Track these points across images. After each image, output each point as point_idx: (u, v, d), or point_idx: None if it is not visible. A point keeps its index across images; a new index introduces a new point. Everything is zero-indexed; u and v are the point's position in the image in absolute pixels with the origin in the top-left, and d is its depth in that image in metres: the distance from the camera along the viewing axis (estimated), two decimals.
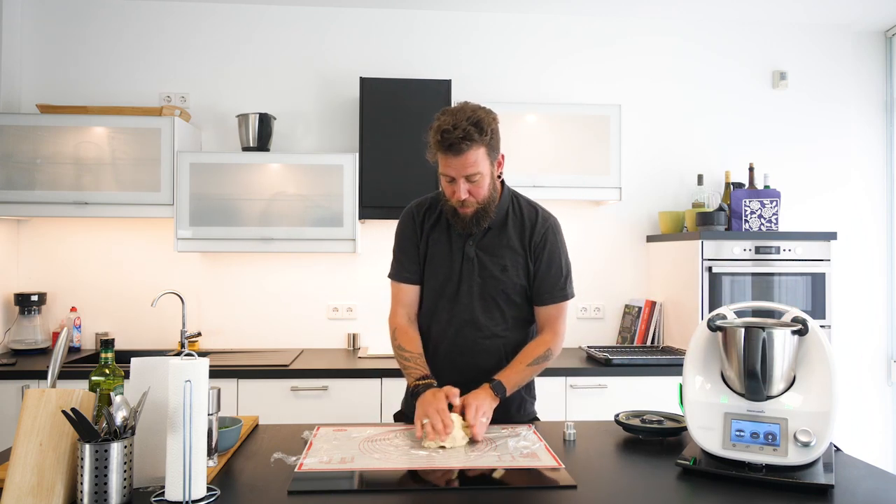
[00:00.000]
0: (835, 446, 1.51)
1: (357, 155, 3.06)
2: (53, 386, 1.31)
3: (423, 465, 1.42)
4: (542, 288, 1.85)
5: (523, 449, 1.52)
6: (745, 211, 3.13)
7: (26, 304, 3.10)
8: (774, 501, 1.23)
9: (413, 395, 1.72)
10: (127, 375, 1.36)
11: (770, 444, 1.33)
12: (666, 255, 3.30)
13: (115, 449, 1.17)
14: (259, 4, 3.38)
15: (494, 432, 1.67)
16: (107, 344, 1.43)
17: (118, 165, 2.99)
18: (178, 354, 1.25)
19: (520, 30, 3.49)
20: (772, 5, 3.36)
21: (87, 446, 1.16)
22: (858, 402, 3.52)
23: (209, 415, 1.33)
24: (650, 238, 3.48)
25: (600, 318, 3.49)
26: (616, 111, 3.17)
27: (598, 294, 3.49)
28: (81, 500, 1.16)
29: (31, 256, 3.28)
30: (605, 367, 2.85)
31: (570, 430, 1.64)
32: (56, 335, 3.22)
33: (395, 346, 1.85)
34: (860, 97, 3.64)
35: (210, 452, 1.37)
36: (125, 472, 1.18)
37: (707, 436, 1.39)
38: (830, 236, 3.03)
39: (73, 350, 3.18)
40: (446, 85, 3.08)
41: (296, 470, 1.38)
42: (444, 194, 1.81)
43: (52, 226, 3.29)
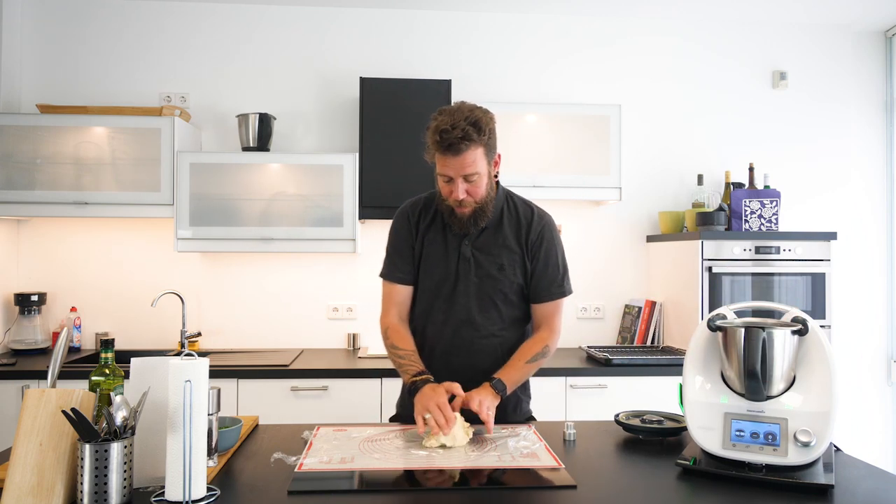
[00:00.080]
0: (835, 446, 1.51)
1: (357, 155, 3.06)
2: (53, 386, 1.31)
3: (424, 465, 1.42)
4: (539, 285, 1.85)
5: (523, 449, 1.52)
6: (745, 211, 3.13)
7: (26, 304, 3.10)
8: (774, 501, 1.23)
9: (410, 393, 1.71)
10: (127, 375, 1.36)
11: (770, 444, 1.33)
12: (666, 255, 3.30)
13: (115, 449, 1.17)
14: (259, 4, 3.38)
15: (494, 432, 1.67)
16: (107, 344, 1.43)
17: (118, 165, 2.99)
18: (178, 354, 1.25)
19: (520, 30, 3.49)
20: (772, 5, 3.36)
21: (87, 446, 1.16)
22: (858, 402, 3.52)
23: (209, 415, 1.33)
24: (650, 238, 3.48)
25: (600, 318, 3.49)
26: (616, 111, 3.18)
27: (598, 294, 3.49)
28: (81, 500, 1.16)
29: (31, 256, 3.28)
30: (605, 367, 2.85)
31: (570, 430, 1.64)
32: (56, 335, 3.22)
33: (388, 344, 1.85)
34: (860, 97, 3.64)
35: (210, 452, 1.37)
36: (125, 472, 1.18)
37: (707, 436, 1.39)
38: (830, 236, 3.03)
39: (73, 350, 3.18)
40: (446, 85, 3.08)
41: (296, 470, 1.38)
42: (440, 194, 1.81)
43: (52, 226, 3.29)
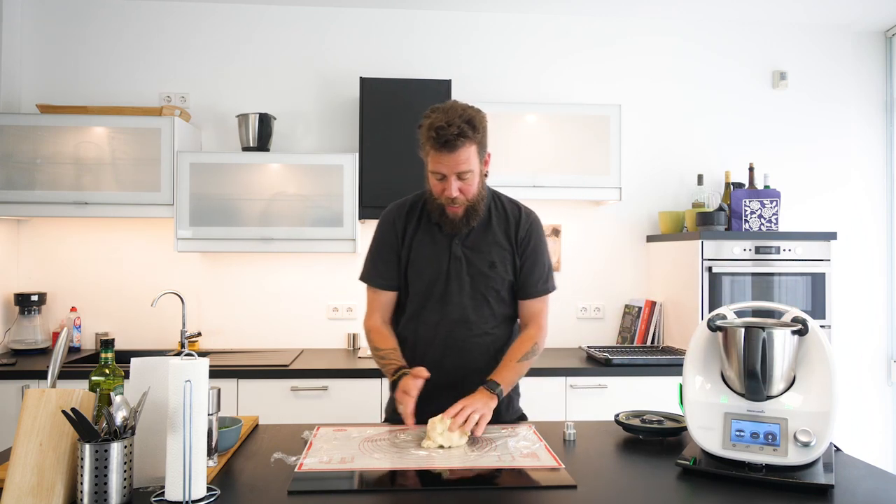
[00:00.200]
0: (835, 446, 1.51)
1: (357, 155, 3.06)
2: (53, 386, 1.31)
3: (423, 465, 1.42)
4: (527, 282, 1.86)
5: (523, 449, 1.52)
6: (745, 211, 3.13)
7: (26, 304, 3.10)
8: (774, 501, 1.23)
9: (393, 390, 1.74)
10: (127, 375, 1.36)
11: (770, 444, 1.33)
12: (666, 255, 3.30)
13: (115, 449, 1.17)
14: (259, 4, 3.38)
15: (494, 432, 1.67)
16: (107, 344, 1.43)
17: (118, 165, 2.99)
18: (178, 354, 1.25)
19: (520, 30, 3.49)
20: (772, 5, 3.36)
21: (87, 446, 1.16)
22: (858, 402, 3.52)
23: (209, 415, 1.33)
24: (650, 238, 3.48)
25: (600, 318, 3.49)
26: (616, 111, 3.18)
27: (598, 294, 3.49)
28: (81, 500, 1.16)
29: (31, 256, 3.28)
30: (605, 367, 2.85)
31: (570, 430, 1.65)
32: (56, 335, 3.22)
33: (371, 347, 1.86)
34: (860, 97, 3.64)
35: (210, 452, 1.37)
36: (125, 472, 1.18)
37: (707, 436, 1.39)
38: (830, 236, 3.03)
39: (73, 350, 3.18)
40: (446, 85, 3.08)
41: (296, 470, 1.38)
42: (430, 194, 1.80)
43: (52, 226, 3.29)
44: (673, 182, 3.52)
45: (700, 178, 3.40)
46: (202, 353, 2.41)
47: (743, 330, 1.37)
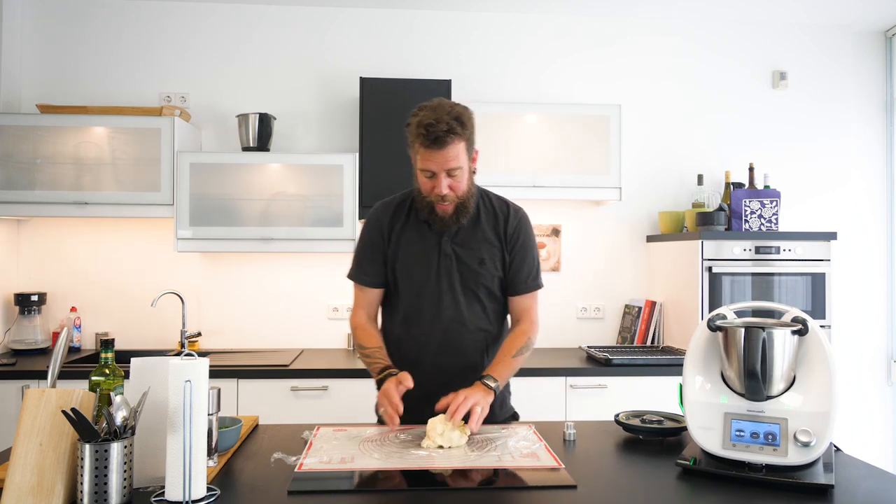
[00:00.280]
0: (835, 446, 1.51)
1: (357, 155, 3.06)
2: (53, 386, 1.31)
3: (423, 465, 1.42)
4: (517, 278, 1.86)
5: (523, 449, 1.52)
6: (745, 211, 3.13)
7: (26, 304, 3.10)
8: (774, 501, 1.23)
9: (379, 389, 1.73)
10: (127, 375, 1.36)
11: (770, 444, 1.33)
12: (666, 255, 3.30)
13: (115, 449, 1.17)
14: (259, 4, 3.38)
15: (494, 432, 1.67)
16: (107, 344, 1.43)
17: (118, 165, 2.99)
18: (178, 354, 1.25)
19: (520, 30, 3.49)
20: (772, 5, 3.36)
21: (87, 446, 1.16)
22: (858, 402, 3.52)
23: (209, 415, 1.33)
24: (650, 238, 3.48)
25: (600, 318, 3.49)
26: (616, 111, 3.18)
27: (598, 294, 3.49)
28: (81, 500, 1.16)
29: (31, 256, 3.28)
30: (605, 367, 2.85)
31: (570, 430, 1.64)
32: (56, 335, 3.22)
33: (357, 345, 1.86)
34: (860, 97, 3.64)
35: (210, 452, 1.37)
36: (125, 472, 1.18)
37: (707, 436, 1.39)
38: (830, 236, 3.03)
39: (73, 350, 3.18)
40: (446, 85, 3.08)
41: (296, 470, 1.38)
42: (419, 192, 1.80)
43: (52, 226, 3.29)
44: (673, 182, 3.52)
45: (700, 178, 3.40)
46: (202, 353, 2.41)
47: (743, 330, 1.37)
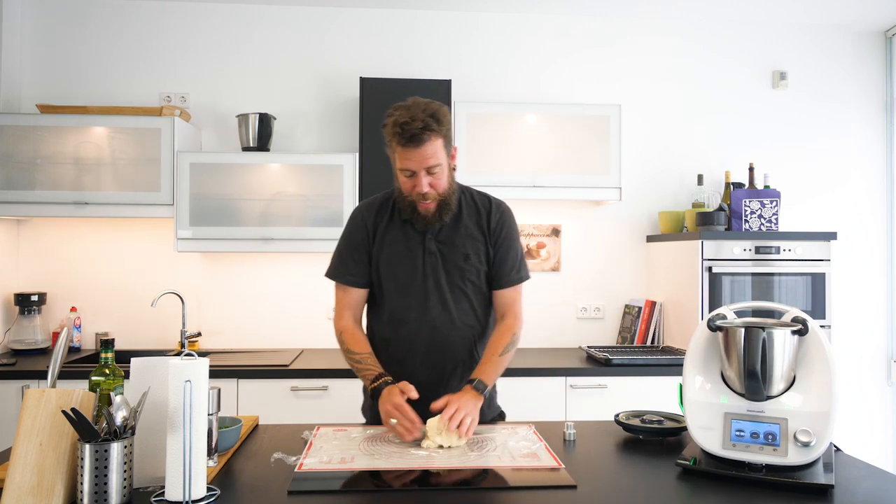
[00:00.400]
0: (835, 446, 1.51)
1: (357, 155, 3.06)
2: (53, 386, 1.31)
3: (423, 465, 1.42)
4: (501, 271, 1.86)
5: (523, 449, 1.52)
6: (745, 211, 3.13)
7: (26, 304, 3.10)
8: (774, 501, 1.23)
9: (373, 398, 1.71)
10: (127, 375, 1.36)
11: (770, 444, 1.33)
12: (666, 255, 3.30)
13: (115, 449, 1.17)
14: (259, 4, 3.38)
15: (494, 432, 1.67)
16: (107, 344, 1.43)
17: (118, 165, 2.99)
18: (178, 354, 1.25)
19: (520, 30, 3.49)
20: (772, 5, 3.36)
21: (87, 446, 1.16)
22: (858, 402, 3.52)
23: (209, 415, 1.33)
24: (650, 238, 3.48)
25: (600, 318, 3.49)
26: (616, 111, 3.17)
27: (598, 294, 3.49)
28: (81, 500, 1.16)
29: (31, 256, 3.28)
30: (605, 367, 2.85)
31: (570, 430, 1.65)
32: (56, 335, 3.22)
33: (344, 349, 1.84)
34: (860, 97, 3.64)
35: (210, 452, 1.37)
36: (125, 472, 1.18)
37: (707, 436, 1.39)
38: (830, 236, 3.03)
39: (73, 350, 3.18)
40: (446, 85, 3.08)
41: (296, 470, 1.39)
42: (400, 191, 1.80)
43: (52, 226, 3.29)
44: (673, 182, 3.52)
45: (700, 178, 3.40)
46: (202, 353, 2.40)
47: (743, 330, 1.37)
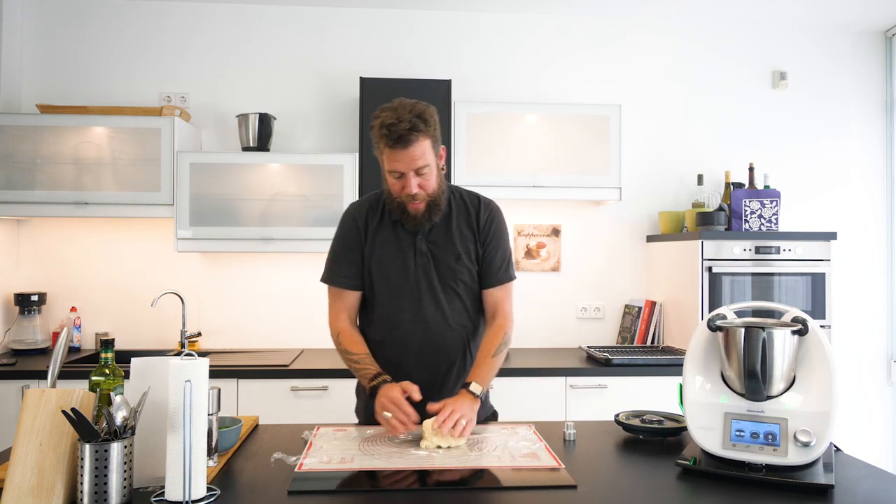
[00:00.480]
0: (835, 446, 1.51)
1: (357, 155, 3.06)
2: (53, 386, 1.31)
3: (423, 465, 1.42)
4: (490, 269, 1.86)
5: (523, 449, 1.52)
6: (745, 211, 3.13)
7: (26, 304, 3.10)
8: (774, 501, 1.23)
9: (371, 396, 1.70)
10: (127, 375, 1.36)
11: (770, 444, 1.33)
12: (666, 255, 3.30)
13: (115, 449, 1.17)
14: (259, 4, 3.38)
15: (494, 432, 1.67)
16: (107, 344, 1.43)
17: (118, 165, 2.99)
18: (178, 354, 1.25)
19: (520, 30, 3.48)
20: (772, 5, 3.36)
21: (87, 446, 1.16)
22: (858, 402, 3.52)
23: (209, 415, 1.33)
24: (650, 238, 3.48)
25: (600, 318, 3.49)
26: (616, 111, 3.17)
27: (598, 294, 3.49)
28: (81, 500, 1.16)
29: (31, 256, 3.28)
30: (605, 367, 2.85)
31: (570, 430, 1.64)
32: (56, 335, 3.22)
33: (341, 350, 1.83)
34: (860, 97, 3.64)
35: (210, 452, 1.37)
36: (125, 472, 1.18)
37: (707, 436, 1.39)
38: (830, 236, 3.03)
39: (73, 350, 3.18)
40: (446, 85, 3.08)
41: (296, 470, 1.39)
42: (388, 193, 1.79)
43: (52, 226, 3.29)
44: (673, 182, 3.52)
45: (700, 178, 3.40)
46: (202, 353, 2.41)
47: (743, 330, 1.37)
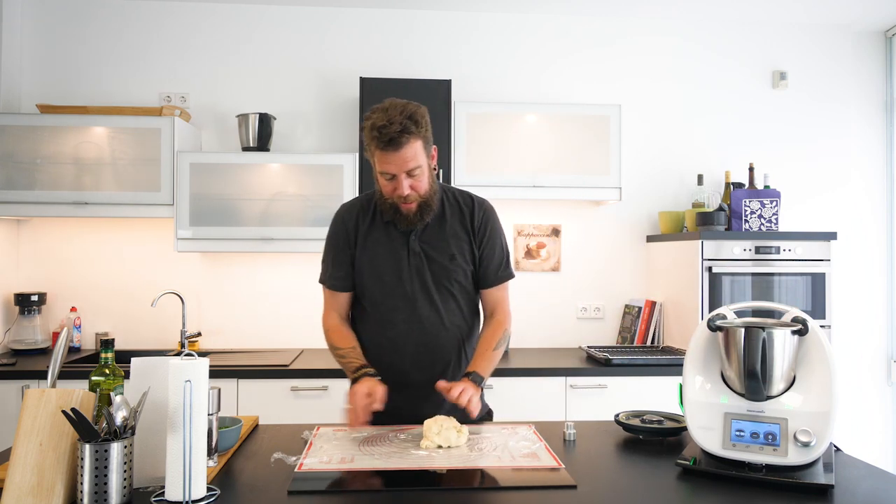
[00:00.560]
0: (835, 446, 1.51)
1: (357, 155, 3.06)
2: (53, 386, 1.31)
3: (423, 465, 1.42)
4: (488, 270, 1.86)
5: (523, 449, 1.52)
6: (745, 211, 3.13)
7: (26, 304, 3.10)
8: (774, 501, 1.23)
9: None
10: (127, 375, 1.36)
11: (770, 444, 1.33)
12: (666, 255, 3.30)
13: (115, 449, 1.17)
14: (259, 4, 3.38)
15: (494, 432, 1.67)
16: (107, 344, 1.43)
17: (118, 165, 2.99)
18: (178, 354, 1.25)
19: (520, 30, 3.49)
20: (772, 5, 3.36)
21: (87, 446, 1.16)
22: (858, 402, 3.52)
23: (209, 415, 1.33)
24: (650, 238, 3.48)
25: (600, 318, 3.49)
26: (616, 111, 3.17)
27: (598, 294, 3.49)
28: (81, 500, 1.16)
29: (31, 256, 3.28)
30: (605, 367, 2.85)
31: (570, 430, 1.64)
32: (56, 335, 3.22)
33: (330, 346, 1.86)
34: (860, 97, 3.64)
35: (210, 452, 1.37)
36: (125, 472, 1.18)
37: (707, 436, 1.39)
38: (830, 236, 3.03)
39: (73, 350, 3.18)
40: (446, 85, 3.08)
41: (296, 470, 1.38)
42: (380, 194, 1.79)
43: (52, 226, 3.29)
44: (673, 182, 3.52)
45: (700, 178, 3.40)
46: (202, 353, 2.41)
47: (743, 330, 1.37)
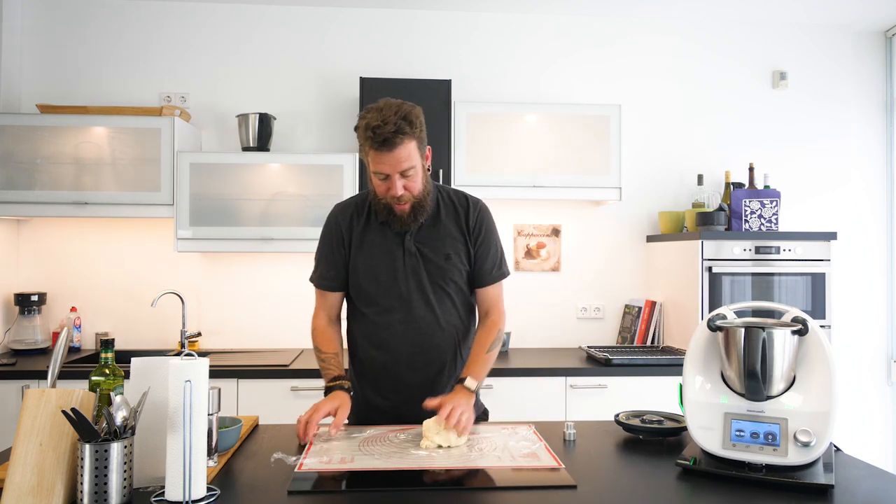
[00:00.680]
0: (835, 446, 1.51)
1: (357, 155, 3.06)
2: (53, 386, 1.31)
3: (423, 465, 1.42)
4: (483, 269, 1.86)
5: (523, 449, 1.52)
6: (745, 211, 3.13)
7: (26, 304, 3.10)
8: (774, 501, 1.23)
9: (327, 395, 1.76)
10: (127, 375, 1.36)
11: (770, 444, 1.33)
12: (666, 255, 3.30)
13: (115, 449, 1.17)
14: (259, 4, 3.38)
15: (494, 432, 1.67)
16: (107, 344, 1.43)
17: (118, 165, 2.99)
18: (178, 354, 1.25)
19: (520, 30, 3.49)
20: (772, 5, 3.36)
21: (87, 446, 1.16)
22: (858, 402, 3.52)
23: (209, 415, 1.33)
24: (650, 238, 3.48)
25: (600, 318, 3.49)
26: (616, 111, 3.17)
27: (598, 294, 3.49)
28: (81, 500, 1.16)
29: (31, 256, 3.28)
30: (605, 367, 2.85)
31: (570, 430, 1.64)
32: (56, 335, 3.22)
33: (314, 346, 1.88)
34: (860, 97, 3.64)
35: (210, 452, 1.37)
36: (125, 472, 1.18)
37: (707, 436, 1.39)
38: (830, 236, 3.03)
39: (73, 350, 3.18)
40: (446, 85, 3.08)
41: (296, 470, 1.38)
42: (374, 194, 1.79)
43: (52, 226, 3.29)
44: (673, 182, 3.52)
45: (700, 178, 3.40)
46: (202, 353, 2.41)
47: (743, 330, 1.37)
